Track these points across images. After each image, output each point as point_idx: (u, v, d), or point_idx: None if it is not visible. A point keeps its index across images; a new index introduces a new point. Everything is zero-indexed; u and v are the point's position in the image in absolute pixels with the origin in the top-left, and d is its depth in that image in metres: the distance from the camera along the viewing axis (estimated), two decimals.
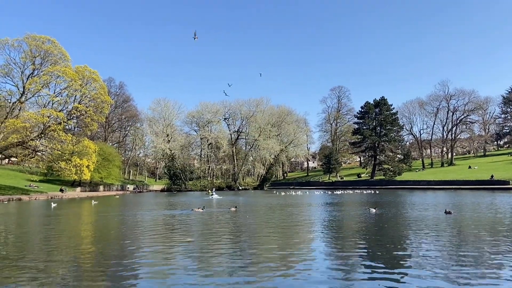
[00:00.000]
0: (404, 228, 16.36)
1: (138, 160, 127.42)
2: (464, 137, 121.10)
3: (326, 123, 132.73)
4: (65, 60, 64.72)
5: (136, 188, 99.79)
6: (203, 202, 39.71)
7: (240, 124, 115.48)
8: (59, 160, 62.54)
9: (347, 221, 19.65)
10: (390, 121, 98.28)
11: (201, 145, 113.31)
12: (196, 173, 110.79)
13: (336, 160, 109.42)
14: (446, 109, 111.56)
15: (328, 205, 31.83)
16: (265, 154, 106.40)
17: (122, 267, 9.35)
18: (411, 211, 23.73)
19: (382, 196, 48.96)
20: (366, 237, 14.02)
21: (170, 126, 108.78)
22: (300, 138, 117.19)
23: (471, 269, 8.52)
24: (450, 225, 16.76)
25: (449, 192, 55.93)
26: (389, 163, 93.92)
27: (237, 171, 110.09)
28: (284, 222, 19.37)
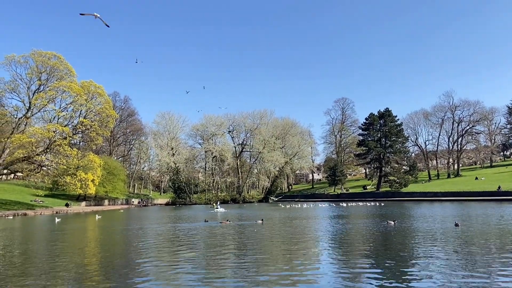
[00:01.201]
0: (419, 240, 16.15)
1: (142, 174, 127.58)
2: (470, 148, 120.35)
3: (331, 135, 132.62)
4: (71, 75, 65.47)
5: (140, 202, 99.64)
6: (208, 215, 39.51)
7: (244, 136, 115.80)
8: (64, 175, 62.72)
9: (371, 233, 19.45)
10: (395, 132, 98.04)
11: (205, 158, 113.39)
12: (200, 186, 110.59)
13: (341, 172, 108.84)
14: (451, 120, 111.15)
15: (339, 218, 31.55)
16: (269, 167, 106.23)
17: (128, 278, 9.25)
18: (423, 224, 23.46)
19: (388, 208, 48.53)
20: (389, 249, 13.85)
21: (175, 139, 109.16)
22: (304, 150, 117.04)
23: (482, 281, 8.36)
24: (460, 238, 16.52)
25: (456, 204, 55.36)
26: (395, 175, 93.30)
27: (242, 184, 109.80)
28: (306, 234, 19.19)
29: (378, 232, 19.99)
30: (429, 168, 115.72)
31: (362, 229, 21.89)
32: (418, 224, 23.52)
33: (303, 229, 22.77)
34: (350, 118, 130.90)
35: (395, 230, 20.25)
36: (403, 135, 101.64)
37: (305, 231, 21.63)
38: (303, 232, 21.09)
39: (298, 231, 21.60)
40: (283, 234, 20.17)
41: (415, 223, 24.44)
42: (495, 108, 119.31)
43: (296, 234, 19.89)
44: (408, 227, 21.79)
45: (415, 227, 21.88)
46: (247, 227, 25.07)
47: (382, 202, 69.85)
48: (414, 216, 30.07)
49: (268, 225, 26.05)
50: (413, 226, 22.49)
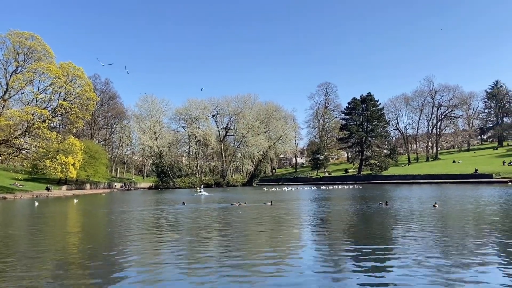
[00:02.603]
0: (402, 220, 16.44)
1: (125, 158, 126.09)
2: (448, 132, 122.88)
3: (314, 119, 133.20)
4: (49, 56, 63.64)
5: (123, 186, 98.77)
6: (191, 199, 39.49)
7: (228, 120, 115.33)
8: (44, 158, 61.56)
9: (364, 214, 19.71)
10: (377, 116, 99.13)
11: (189, 142, 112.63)
12: (184, 170, 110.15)
13: (324, 156, 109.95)
14: (431, 104, 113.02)
15: (325, 200, 31.93)
16: (253, 151, 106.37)
17: (112, 264, 9.14)
18: (403, 204, 23.96)
19: (369, 191, 49.35)
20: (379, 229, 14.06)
21: (158, 123, 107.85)
22: (288, 134, 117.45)
23: (457, 258, 8.56)
24: (437, 218, 16.91)
25: (434, 186, 56.67)
26: (376, 158, 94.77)
27: (226, 168, 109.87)
28: (296, 216, 19.32)
29: (369, 213, 20.30)
30: (409, 151, 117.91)
31: (354, 210, 22.18)
32: (399, 205, 23.96)
33: (292, 211, 22.94)
34: (333, 103, 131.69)
35: (385, 212, 20.58)
36: (385, 120, 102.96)
37: (294, 213, 21.80)
38: (293, 214, 21.24)
39: (287, 213, 21.74)
40: (271, 216, 20.27)
41: (395, 204, 24.89)
42: (474, 93, 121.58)
43: (286, 216, 20.02)
44: (390, 209, 22.17)
45: (397, 208, 22.29)
46: (238, 209, 25.12)
47: (363, 185, 71.01)
48: (394, 198, 30.62)
49: (256, 207, 26.16)
50: (394, 207, 22.92)
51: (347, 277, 7.56)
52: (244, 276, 7.62)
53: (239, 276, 7.63)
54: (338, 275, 7.78)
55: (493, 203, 24.20)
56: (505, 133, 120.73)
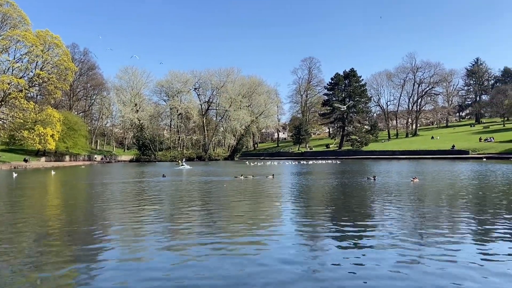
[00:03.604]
0: (381, 193, 16.86)
1: (105, 130, 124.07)
2: (428, 108, 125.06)
3: (297, 94, 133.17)
4: (25, 24, 61.20)
5: (104, 158, 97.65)
6: (173, 172, 39.44)
7: (211, 94, 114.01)
8: (21, 129, 60.14)
9: (352, 188, 20.04)
10: (359, 92, 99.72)
11: (170, 115, 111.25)
12: (166, 144, 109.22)
13: (305, 131, 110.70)
14: (412, 81, 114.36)
15: (307, 174, 32.34)
16: (235, 125, 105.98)
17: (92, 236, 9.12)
18: (384, 179, 24.46)
19: (349, 165, 50.19)
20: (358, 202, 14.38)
21: (138, 95, 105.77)
22: (270, 109, 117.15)
23: (433, 229, 8.89)
24: (416, 192, 17.41)
25: (412, 162, 58.00)
26: (357, 134, 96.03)
27: (208, 142, 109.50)
28: (280, 190, 19.52)
29: (358, 187, 20.67)
30: (389, 127, 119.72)
31: (342, 185, 22.53)
32: (382, 179, 24.44)
33: (276, 185, 23.18)
34: (316, 78, 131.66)
35: (373, 186, 21.00)
36: (367, 96, 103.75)
37: (280, 187, 22.03)
38: (278, 188, 21.46)
39: (273, 186, 21.96)
40: (256, 189, 20.45)
41: (379, 178, 25.42)
42: (454, 70, 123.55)
43: (271, 189, 20.22)
44: (378, 183, 22.64)
45: (383, 182, 22.78)
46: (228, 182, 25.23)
47: (343, 160, 72.16)
48: (375, 173, 31.23)
49: (241, 182, 26.31)
50: (381, 182, 23.42)
51: (325, 249, 7.77)
52: (224, 249, 7.72)
53: (219, 249, 7.73)
54: (317, 248, 7.99)
55: (469, 178, 25.02)
56: (482, 111, 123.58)
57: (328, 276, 5.94)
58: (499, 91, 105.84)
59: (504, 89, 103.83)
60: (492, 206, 12.68)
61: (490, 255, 6.92)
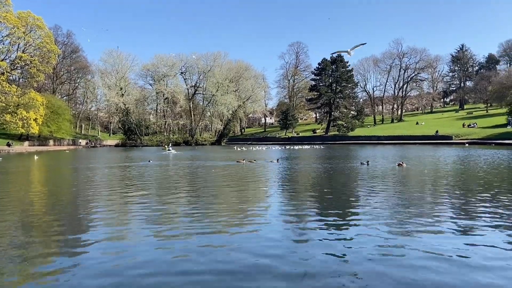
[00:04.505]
0: (365, 178, 16.99)
1: (90, 114, 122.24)
2: (413, 94, 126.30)
3: (284, 79, 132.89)
4: (6, 4, 59.20)
5: (88, 143, 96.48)
6: (159, 157, 39.18)
7: (197, 78, 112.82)
8: (3, 113, 58.81)
9: (341, 173, 20.13)
10: (346, 78, 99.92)
11: (156, 99, 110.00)
12: (152, 128, 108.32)
13: (293, 116, 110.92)
14: (398, 67, 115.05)
15: (296, 159, 32.43)
16: (222, 110, 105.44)
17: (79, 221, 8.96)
18: (372, 163, 24.67)
19: (336, 150, 50.54)
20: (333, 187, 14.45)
21: (124, 79, 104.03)
22: (258, 94, 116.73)
23: (417, 216, 8.99)
24: (403, 176, 17.62)
25: (397, 147, 58.75)
26: (343, 119, 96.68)
27: (194, 127, 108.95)
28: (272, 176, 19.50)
29: (350, 172, 20.78)
30: (375, 113, 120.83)
31: (331, 170, 22.63)
32: (371, 164, 24.60)
33: (268, 170, 23.16)
34: (303, 63, 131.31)
35: (365, 170, 21.12)
36: (353, 81, 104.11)
37: (268, 172, 22.02)
38: (268, 173, 21.45)
39: (262, 171, 21.94)
40: (246, 174, 20.40)
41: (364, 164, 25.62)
42: (440, 56, 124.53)
43: (262, 175, 20.20)
44: (370, 168, 22.81)
45: (370, 167, 22.96)
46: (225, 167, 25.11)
47: (329, 145, 72.66)
48: (363, 158, 31.48)
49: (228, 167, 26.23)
50: (374, 166, 23.61)
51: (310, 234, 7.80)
52: (211, 234, 7.68)
53: (205, 234, 7.69)
54: (302, 232, 8.01)
55: (450, 162, 25.46)
56: (466, 97, 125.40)
57: (312, 265, 5.95)
58: (483, 78, 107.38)
59: (488, 76, 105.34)
60: (473, 191, 12.90)
61: (474, 245, 6.74)
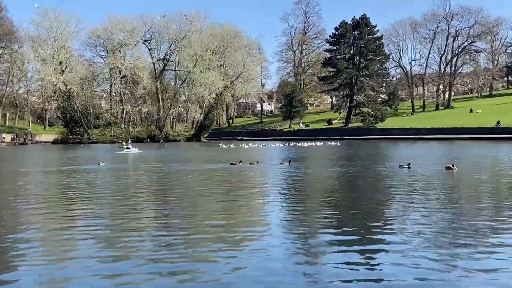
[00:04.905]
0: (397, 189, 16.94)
1: (17, 99, 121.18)
2: (466, 71, 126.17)
3: (288, 50, 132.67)
4: None
5: (15, 138, 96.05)
6: (114, 158, 38.99)
7: (168, 49, 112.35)
8: None
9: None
10: (373, 48, 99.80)
11: (110, 78, 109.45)
12: (104, 118, 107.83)
13: (300, 102, 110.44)
14: (445, 33, 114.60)
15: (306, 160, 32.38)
16: (203, 92, 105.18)
17: None
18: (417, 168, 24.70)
19: (357, 149, 50.53)
20: None
21: (64, 49, 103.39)
22: (251, 70, 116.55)
23: (467, 247, 8.91)
24: (452, 184, 17.58)
25: (444, 143, 58.85)
26: (370, 106, 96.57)
27: (164, 116, 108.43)
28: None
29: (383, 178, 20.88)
30: (413, 97, 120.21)
31: (357, 174, 22.61)
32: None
33: (265, 175, 23.09)
34: (314, 28, 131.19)
35: (405, 175, 21.15)
36: (383, 53, 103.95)
37: (264, 179, 21.94)
38: (264, 180, 21.37)
39: (259, 177, 21.87)
40: (234, 181, 20.32)
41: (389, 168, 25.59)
42: (502, 19, 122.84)
43: (255, 183, 20.12)
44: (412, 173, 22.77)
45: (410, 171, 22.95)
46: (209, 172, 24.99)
47: (350, 142, 72.47)
48: (401, 160, 31.44)
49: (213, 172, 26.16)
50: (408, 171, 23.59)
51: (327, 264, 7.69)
52: (184, 269, 7.55)
53: (176, 264, 7.57)
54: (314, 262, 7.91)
55: None
56: None
57: None
58: None
59: None
60: None
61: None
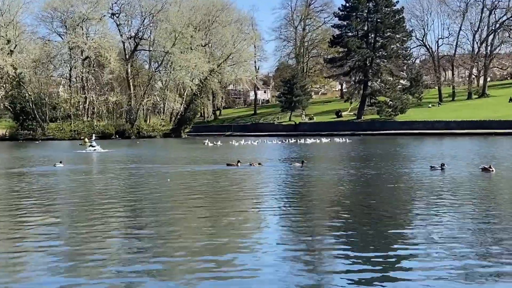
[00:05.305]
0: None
1: None
2: (505, 51, 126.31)
3: (288, 26, 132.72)
4: None
5: None
6: (76, 158, 38.98)
7: (140, 25, 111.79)
8: None
9: None
10: (392, 24, 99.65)
11: (70, 60, 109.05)
12: (62, 110, 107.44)
13: (302, 89, 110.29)
14: (480, 5, 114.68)
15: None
16: (183, 78, 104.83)
17: None
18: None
19: (372, 147, 50.59)
20: None
21: (13, 25, 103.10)
22: (243, 50, 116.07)
23: None
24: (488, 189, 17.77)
25: (478, 140, 58.96)
26: (387, 94, 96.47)
27: (136, 106, 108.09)
28: None
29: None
30: (441, 83, 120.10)
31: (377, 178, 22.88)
32: None
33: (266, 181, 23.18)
34: None
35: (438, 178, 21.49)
36: (404, 29, 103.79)
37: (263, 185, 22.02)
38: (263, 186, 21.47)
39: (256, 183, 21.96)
40: (221, 187, 20.44)
41: None
42: None
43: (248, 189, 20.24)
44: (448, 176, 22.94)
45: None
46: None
47: (363, 138, 72.50)
48: (421, 156, 31.59)
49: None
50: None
51: None
52: None
53: None
54: None
55: None
56: None
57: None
58: None
59: None
60: None
61: None
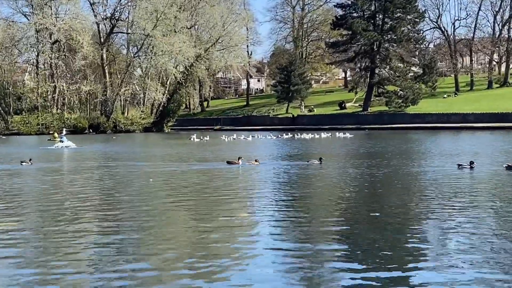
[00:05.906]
0: None
1: None
2: None
3: (285, 6, 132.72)
4: None
5: None
6: (44, 155, 38.95)
7: (117, 4, 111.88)
8: None
9: None
10: (402, 3, 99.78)
11: (37, 44, 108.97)
12: (28, 100, 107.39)
13: (301, 77, 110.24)
14: None
15: None
16: (166, 64, 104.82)
17: None
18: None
19: (382, 142, 50.75)
20: None
21: None
22: (234, 33, 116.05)
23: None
24: None
25: (500, 134, 59.21)
26: (397, 83, 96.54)
27: (112, 97, 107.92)
28: None
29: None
30: (458, 70, 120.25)
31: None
32: None
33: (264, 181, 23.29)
34: None
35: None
36: (416, 9, 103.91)
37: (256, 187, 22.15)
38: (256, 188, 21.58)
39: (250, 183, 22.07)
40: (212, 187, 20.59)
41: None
42: None
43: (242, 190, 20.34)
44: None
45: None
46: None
47: (370, 132, 72.64)
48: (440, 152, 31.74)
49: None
50: None
51: None
52: None
53: None
54: None
55: None
56: None
57: None
58: None
59: None
60: None
61: None
